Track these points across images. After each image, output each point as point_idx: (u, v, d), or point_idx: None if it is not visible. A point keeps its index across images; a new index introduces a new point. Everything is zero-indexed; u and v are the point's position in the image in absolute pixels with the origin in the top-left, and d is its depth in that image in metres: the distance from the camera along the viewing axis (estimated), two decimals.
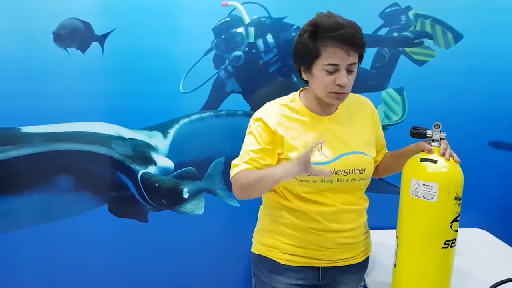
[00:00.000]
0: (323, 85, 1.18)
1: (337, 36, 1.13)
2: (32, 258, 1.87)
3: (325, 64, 1.16)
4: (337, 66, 1.16)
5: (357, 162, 1.25)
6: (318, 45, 1.15)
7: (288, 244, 1.30)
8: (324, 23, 1.15)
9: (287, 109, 1.27)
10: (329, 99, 1.21)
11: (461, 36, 1.84)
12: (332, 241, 1.28)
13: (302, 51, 1.19)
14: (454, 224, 1.19)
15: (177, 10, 1.74)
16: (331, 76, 1.16)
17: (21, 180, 1.79)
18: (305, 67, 1.22)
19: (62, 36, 1.71)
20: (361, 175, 1.26)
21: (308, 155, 1.07)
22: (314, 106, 1.26)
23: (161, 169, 1.85)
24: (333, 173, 1.22)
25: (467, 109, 1.88)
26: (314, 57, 1.17)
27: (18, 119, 1.76)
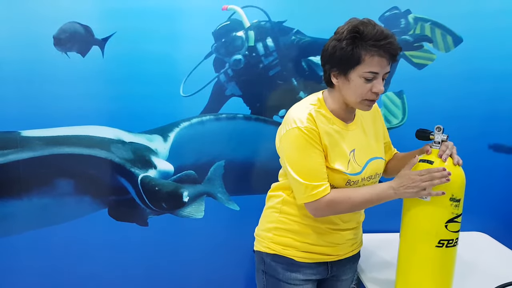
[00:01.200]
0: (359, 92, 1.18)
1: (383, 45, 1.13)
2: (31, 262, 1.87)
3: (365, 72, 1.15)
4: (376, 74, 1.16)
5: (378, 167, 1.31)
6: (361, 52, 1.14)
7: (304, 242, 1.33)
8: (369, 31, 1.14)
9: (320, 115, 1.23)
10: (361, 105, 1.21)
11: (461, 40, 1.85)
12: (343, 238, 1.34)
13: (342, 56, 1.16)
14: (451, 225, 1.20)
15: (177, 14, 1.74)
16: (368, 83, 1.16)
17: (21, 184, 1.78)
18: (340, 72, 1.19)
19: (63, 40, 1.71)
20: (378, 178, 1.34)
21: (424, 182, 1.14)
22: (341, 112, 1.26)
23: (161, 173, 1.85)
24: (364, 180, 1.27)
25: (467, 112, 1.88)
26: (354, 63, 1.15)
27: (18, 123, 1.76)
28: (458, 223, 1.22)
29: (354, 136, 1.27)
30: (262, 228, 1.41)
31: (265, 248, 1.38)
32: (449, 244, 1.22)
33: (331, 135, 1.22)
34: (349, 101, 1.22)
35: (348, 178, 1.24)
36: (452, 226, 1.21)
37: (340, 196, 1.21)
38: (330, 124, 1.23)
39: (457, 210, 1.21)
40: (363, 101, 1.19)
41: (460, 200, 1.21)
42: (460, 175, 1.21)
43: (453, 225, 1.21)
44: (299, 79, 1.83)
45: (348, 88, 1.19)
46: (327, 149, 1.21)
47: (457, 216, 1.21)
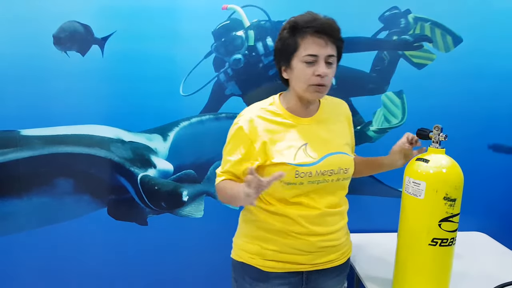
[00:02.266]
0: (303, 77, 1.19)
1: (314, 26, 1.17)
2: (31, 261, 1.87)
3: (304, 55, 1.17)
4: (315, 57, 1.17)
5: (341, 162, 1.27)
6: (296, 38, 1.18)
7: (271, 250, 1.28)
8: (301, 18, 1.20)
9: (268, 113, 1.26)
10: (310, 93, 1.21)
11: (461, 40, 1.85)
12: (314, 245, 1.27)
13: (282, 47, 1.22)
14: (445, 224, 1.21)
15: (177, 13, 1.74)
16: (311, 67, 1.18)
17: (21, 183, 1.78)
18: (285, 64, 1.23)
19: (62, 39, 1.71)
20: (345, 174, 1.28)
21: (257, 179, 1.06)
22: (296, 107, 1.27)
23: (161, 172, 1.85)
24: (319, 174, 1.22)
25: (467, 112, 1.88)
26: (293, 50, 1.19)
27: (17, 122, 1.76)
28: (454, 223, 1.23)
29: (310, 130, 1.26)
30: (236, 235, 1.40)
31: (235, 256, 1.36)
32: (443, 243, 1.23)
33: (275, 131, 1.23)
34: (298, 91, 1.23)
35: (296, 169, 1.20)
36: (446, 226, 1.21)
37: (222, 185, 1.26)
38: (281, 118, 1.25)
39: (453, 209, 1.21)
40: (310, 86, 1.20)
41: (456, 199, 1.21)
42: (456, 174, 1.22)
43: (448, 225, 1.22)
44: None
45: (294, 77, 1.22)
46: (266, 145, 1.22)
47: (453, 215, 1.22)
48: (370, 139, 1.89)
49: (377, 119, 1.89)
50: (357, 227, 1.90)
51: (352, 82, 1.86)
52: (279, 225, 1.26)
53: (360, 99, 1.87)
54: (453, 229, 1.24)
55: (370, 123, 1.89)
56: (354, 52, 1.82)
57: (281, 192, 1.24)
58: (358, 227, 1.89)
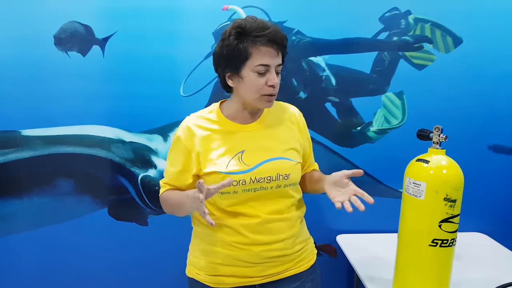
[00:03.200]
0: (255, 87, 1.15)
1: (267, 35, 1.12)
2: (32, 261, 1.87)
3: (256, 65, 1.13)
4: (267, 67, 1.14)
5: (280, 167, 1.20)
6: (247, 46, 1.12)
7: (214, 263, 1.23)
8: (250, 25, 1.13)
9: (205, 121, 1.23)
10: (260, 102, 1.17)
11: (461, 41, 1.85)
12: (259, 255, 1.21)
13: (230, 54, 1.14)
14: (445, 225, 1.21)
15: (177, 14, 1.74)
16: (263, 77, 1.14)
17: (21, 183, 1.79)
18: (232, 72, 1.16)
19: (63, 39, 1.72)
20: (286, 181, 1.20)
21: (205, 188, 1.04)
22: (237, 115, 1.22)
23: (161, 173, 1.84)
24: (255, 181, 1.17)
25: (467, 113, 1.88)
26: (243, 59, 1.13)
27: (18, 122, 1.76)
28: (454, 224, 1.23)
29: (250, 137, 1.21)
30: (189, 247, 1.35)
31: (187, 271, 1.33)
32: (444, 244, 1.23)
33: (211, 140, 1.20)
34: (248, 100, 1.18)
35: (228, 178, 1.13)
36: (447, 226, 1.21)
37: (166, 196, 1.25)
38: (218, 126, 1.21)
39: (453, 210, 1.21)
40: (262, 97, 1.16)
41: (456, 200, 1.21)
42: (456, 175, 1.22)
43: (448, 225, 1.22)
44: (299, 79, 1.84)
45: (243, 86, 1.16)
46: (200, 155, 1.19)
47: (453, 216, 1.22)
48: (370, 140, 1.89)
49: (377, 120, 1.89)
50: (357, 228, 1.90)
51: (352, 82, 1.86)
52: (220, 236, 1.21)
53: (360, 99, 1.87)
54: (453, 230, 1.24)
55: (370, 124, 1.89)
56: (354, 53, 1.82)
57: (218, 201, 1.19)
58: (358, 227, 1.90)
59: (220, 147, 1.19)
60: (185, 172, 1.22)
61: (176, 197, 1.22)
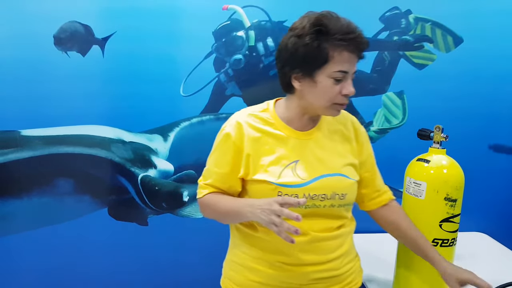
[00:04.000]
0: (329, 95, 1.03)
1: (353, 39, 1.00)
2: (31, 261, 1.87)
3: (335, 71, 1.01)
4: (345, 74, 1.03)
5: (337, 185, 1.08)
6: (327, 49, 1.00)
7: (255, 282, 1.12)
8: (333, 24, 1.00)
9: (258, 120, 1.10)
10: (330, 111, 1.06)
11: (461, 40, 1.84)
12: (306, 277, 1.09)
13: (306, 55, 1.01)
14: (446, 225, 1.21)
15: (177, 14, 1.74)
16: (338, 85, 1.03)
17: (21, 183, 1.78)
18: (304, 73, 1.04)
19: (63, 39, 1.71)
20: (341, 201, 1.09)
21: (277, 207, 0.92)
22: (294, 119, 1.10)
23: (161, 172, 1.85)
24: (308, 198, 1.05)
25: (467, 112, 1.88)
26: (322, 62, 1.01)
27: (18, 122, 1.76)
28: (455, 223, 1.23)
29: (305, 146, 1.09)
30: (225, 259, 1.23)
31: (221, 282, 1.23)
32: (444, 243, 1.23)
33: (263, 143, 1.07)
34: (316, 107, 1.06)
35: (279, 190, 1.03)
36: (447, 226, 1.21)
37: (212, 200, 1.11)
38: (273, 129, 1.09)
39: (453, 210, 1.21)
40: (333, 105, 1.05)
41: (457, 200, 1.21)
42: (456, 175, 1.22)
43: (448, 225, 1.22)
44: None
45: (314, 92, 1.04)
46: (249, 158, 1.07)
47: (454, 216, 1.22)
48: (370, 140, 1.89)
49: (377, 120, 1.89)
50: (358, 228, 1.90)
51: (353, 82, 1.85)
52: (263, 254, 1.10)
53: (361, 99, 1.87)
54: (454, 230, 1.24)
55: (370, 124, 1.89)
56: None
57: None
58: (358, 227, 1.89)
59: (272, 153, 1.07)
60: (233, 174, 1.09)
61: (228, 204, 1.07)
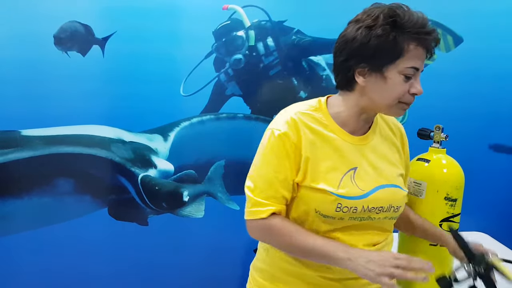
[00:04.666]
0: (397, 93, 0.93)
1: (430, 34, 0.92)
2: (32, 261, 1.87)
3: (408, 67, 0.92)
4: (416, 72, 0.94)
5: (393, 197, 0.99)
6: (402, 42, 0.90)
7: None
8: (409, 17, 0.92)
9: (312, 120, 0.97)
10: (395, 110, 0.96)
11: (461, 40, 1.84)
12: None
13: (380, 47, 0.90)
14: (446, 224, 1.21)
15: (177, 14, 1.74)
16: (407, 83, 0.93)
17: (21, 183, 1.78)
18: (372, 68, 0.92)
19: (63, 39, 1.71)
20: (395, 213, 1.01)
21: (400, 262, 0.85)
22: (350, 120, 0.98)
23: (162, 172, 1.85)
24: (366, 210, 0.95)
25: (468, 112, 1.88)
26: (396, 56, 0.90)
27: (18, 122, 1.76)
28: (455, 223, 1.23)
29: (360, 152, 0.98)
30: (254, 260, 1.12)
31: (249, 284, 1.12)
32: None
33: (319, 146, 0.95)
34: (381, 106, 0.95)
35: (339, 201, 0.93)
36: (447, 226, 1.21)
37: (283, 228, 0.94)
38: (327, 131, 0.97)
39: (454, 209, 1.21)
40: (399, 104, 0.94)
41: (457, 200, 1.21)
42: (457, 174, 1.22)
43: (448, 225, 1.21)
44: (300, 79, 1.83)
45: (381, 89, 0.93)
46: (308, 162, 0.94)
47: (454, 215, 1.22)
48: None
49: None
50: None
51: None
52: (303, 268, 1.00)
53: None
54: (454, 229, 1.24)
55: None
56: None
57: (316, 224, 0.96)
58: None
59: (328, 158, 0.95)
60: (292, 179, 0.95)
61: (312, 240, 0.93)
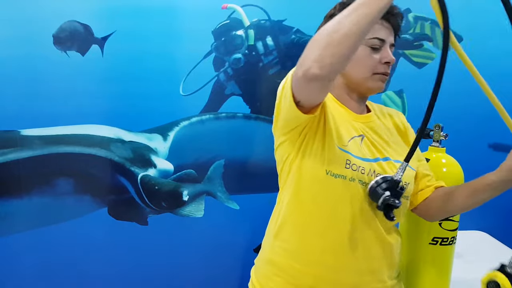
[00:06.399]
0: (369, 64, 1.00)
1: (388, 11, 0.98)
2: (31, 261, 1.86)
3: (370, 38, 0.99)
4: (383, 43, 1.01)
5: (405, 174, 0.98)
6: None
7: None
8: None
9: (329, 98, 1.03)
10: (373, 82, 1.02)
11: (461, 38, 1.84)
12: None
13: None
14: (446, 223, 1.21)
15: (176, 13, 1.74)
16: (377, 54, 1.01)
17: (21, 183, 1.78)
18: None
19: (62, 38, 1.71)
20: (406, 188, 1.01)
21: None
22: (345, 99, 1.05)
23: (161, 172, 1.85)
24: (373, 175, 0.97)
25: (467, 111, 1.88)
26: None
27: (17, 122, 1.76)
28: (454, 222, 1.23)
29: (366, 127, 1.04)
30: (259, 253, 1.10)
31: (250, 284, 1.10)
32: (444, 242, 1.23)
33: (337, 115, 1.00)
34: (358, 79, 1.02)
35: (347, 158, 0.96)
36: (447, 225, 1.22)
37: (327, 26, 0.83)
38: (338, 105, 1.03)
39: None
40: (374, 75, 1.01)
41: None
42: (456, 173, 1.22)
43: (448, 224, 1.22)
44: None
45: (354, 63, 0.99)
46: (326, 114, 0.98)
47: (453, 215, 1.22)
48: None
49: None
50: None
51: None
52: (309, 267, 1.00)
53: None
54: (454, 228, 1.24)
55: None
56: None
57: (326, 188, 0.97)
58: None
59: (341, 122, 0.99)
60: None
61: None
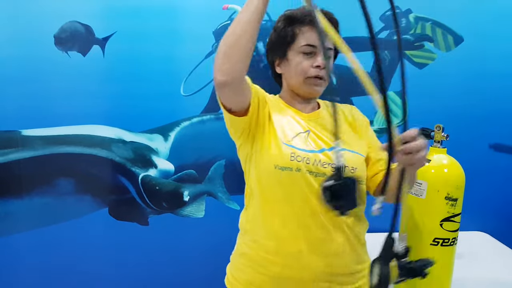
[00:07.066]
0: (300, 69, 1.09)
1: (310, 16, 1.08)
2: (32, 261, 1.87)
3: (302, 45, 1.09)
4: (314, 48, 1.09)
5: (353, 161, 1.08)
6: (294, 29, 1.10)
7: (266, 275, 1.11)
8: (298, 10, 1.12)
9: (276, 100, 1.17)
10: (307, 86, 1.11)
11: (462, 39, 1.84)
12: None
13: (276, 39, 1.13)
14: (447, 224, 1.21)
15: (177, 13, 1.74)
16: (309, 59, 1.09)
17: (22, 183, 1.79)
18: (280, 56, 1.14)
19: (63, 39, 1.72)
20: (351, 174, 1.07)
21: None
22: (292, 102, 1.16)
23: (162, 172, 1.85)
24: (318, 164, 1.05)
25: (468, 111, 1.88)
26: (289, 41, 1.10)
27: (18, 122, 1.76)
28: (455, 223, 1.23)
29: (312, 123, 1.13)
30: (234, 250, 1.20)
31: (226, 280, 1.20)
32: (445, 243, 1.23)
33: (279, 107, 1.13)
34: (295, 85, 1.13)
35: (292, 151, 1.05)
36: (448, 225, 1.21)
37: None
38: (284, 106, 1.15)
39: (454, 209, 1.21)
40: (307, 79, 1.10)
41: (458, 199, 1.21)
42: (457, 174, 1.22)
43: (449, 224, 1.22)
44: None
45: (290, 70, 1.12)
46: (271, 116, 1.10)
47: (454, 215, 1.22)
48: None
49: (378, 119, 1.89)
50: None
51: (353, 82, 1.85)
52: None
53: (361, 99, 1.87)
54: (455, 229, 1.24)
55: (371, 123, 1.88)
56: (355, 51, 1.81)
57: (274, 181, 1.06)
58: None
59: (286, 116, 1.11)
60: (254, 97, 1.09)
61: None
